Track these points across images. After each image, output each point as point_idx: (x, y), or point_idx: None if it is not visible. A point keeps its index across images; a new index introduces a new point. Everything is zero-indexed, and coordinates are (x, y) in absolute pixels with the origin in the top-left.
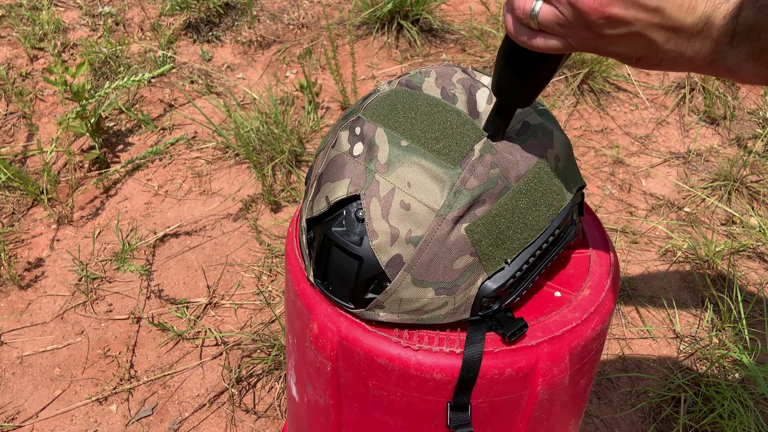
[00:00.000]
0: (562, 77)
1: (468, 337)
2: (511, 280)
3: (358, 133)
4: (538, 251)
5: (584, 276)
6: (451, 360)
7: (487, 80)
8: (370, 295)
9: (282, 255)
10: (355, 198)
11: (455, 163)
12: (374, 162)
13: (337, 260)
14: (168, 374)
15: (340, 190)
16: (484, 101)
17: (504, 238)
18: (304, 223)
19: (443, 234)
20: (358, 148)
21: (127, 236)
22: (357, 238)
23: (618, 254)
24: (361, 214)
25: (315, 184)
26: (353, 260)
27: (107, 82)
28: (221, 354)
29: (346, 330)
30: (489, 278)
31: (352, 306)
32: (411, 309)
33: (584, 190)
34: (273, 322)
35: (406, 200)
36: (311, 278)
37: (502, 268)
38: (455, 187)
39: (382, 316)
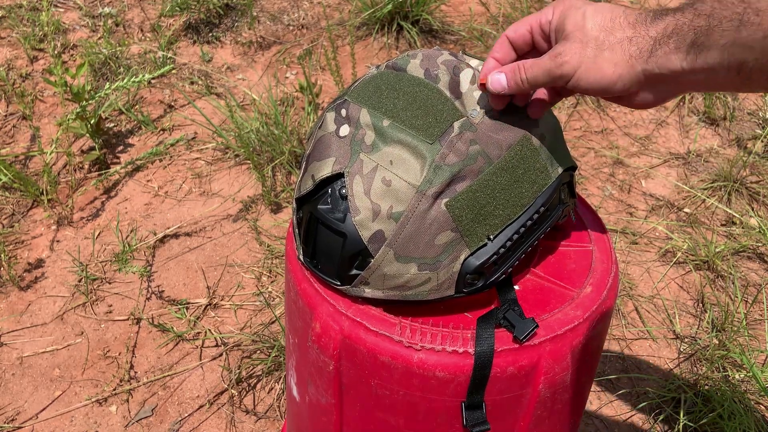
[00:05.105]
0: None
1: (478, 335)
2: (495, 256)
3: (344, 115)
4: (522, 228)
5: (586, 272)
6: (453, 358)
7: (475, 63)
8: (354, 272)
9: (282, 256)
10: (340, 176)
11: (434, 139)
12: (359, 142)
13: (323, 237)
14: (168, 375)
15: (325, 169)
16: (467, 81)
17: (485, 214)
18: (294, 204)
19: (423, 209)
20: (344, 130)
21: (127, 237)
22: (341, 215)
23: (618, 255)
24: (344, 191)
25: (303, 164)
26: (337, 237)
27: (107, 83)
28: (221, 355)
29: (348, 329)
30: (472, 254)
31: (339, 283)
32: (395, 285)
33: (584, 190)
34: (273, 323)
35: (387, 177)
36: (301, 257)
37: (485, 245)
38: (435, 163)
39: (368, 292)
